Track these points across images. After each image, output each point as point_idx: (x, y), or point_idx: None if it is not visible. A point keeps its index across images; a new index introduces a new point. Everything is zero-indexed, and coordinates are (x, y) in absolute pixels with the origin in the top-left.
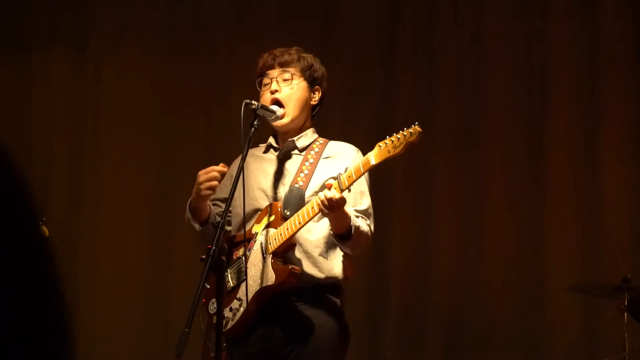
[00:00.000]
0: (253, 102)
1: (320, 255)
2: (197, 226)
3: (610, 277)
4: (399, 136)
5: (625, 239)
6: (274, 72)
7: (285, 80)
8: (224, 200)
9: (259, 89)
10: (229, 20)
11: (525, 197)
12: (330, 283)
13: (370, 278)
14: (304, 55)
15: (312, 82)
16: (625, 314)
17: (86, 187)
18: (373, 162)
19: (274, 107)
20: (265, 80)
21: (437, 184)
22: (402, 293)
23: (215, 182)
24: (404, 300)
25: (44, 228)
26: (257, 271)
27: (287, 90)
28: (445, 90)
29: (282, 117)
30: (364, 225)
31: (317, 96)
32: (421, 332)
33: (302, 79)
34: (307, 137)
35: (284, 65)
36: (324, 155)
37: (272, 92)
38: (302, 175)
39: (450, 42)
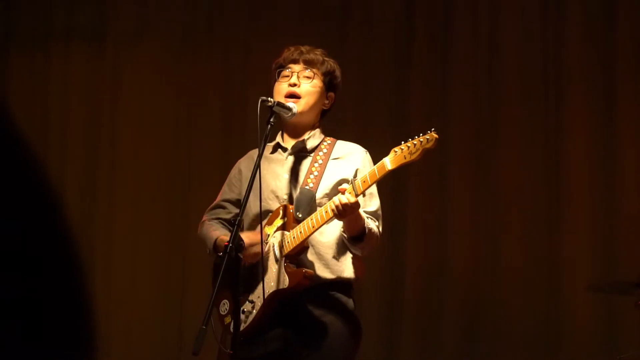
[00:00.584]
0: (269, 99)
1: (332, 257)
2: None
3: (627, 274)
4: (415, 142)
5: None
6: (297, 67)
7: (306, 77)
8: (235, 201)
9: (276, 78)
10: (245, 18)
11: (542, 195)
12: (341, 283)
13: (387, 276)
14: (328, 59)
15: (329, 87)
16: None
17: (101, 184)
18: (389, 167)
19: (290, 104)
20: (286, 73)
21: (452, 182)
22: (418, 290)
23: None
24: (420, 297)
25: None
26: (271, 274)
27: (306, 87)
28: (459, 91)
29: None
30: (374, 227)
31: (329, 102)
32: (437, 329)
33: (321, 81)
34: (315, 137)
35: (308, 63)
36: (332, 155)
37: (291, 85)
38: (312, 176)
39: (465, 43)
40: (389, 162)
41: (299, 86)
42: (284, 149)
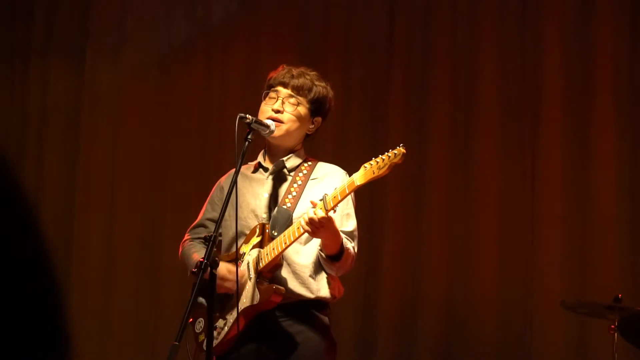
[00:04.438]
0: (247, 115)
1: (309, 276)
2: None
3: (601, 296)
4: (383, 157)
5: (618, 257)
6: (283, 92)
7: (291, 104)
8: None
9: (263, 99)
10: (224, 34)
11: (517, 213)
12: (318, 301)
13: (361, 296)
14: (319, 84)
15: (316, 113)
16: (616, 334)
17: (79, 197)
18: (358, 183)
19: (268, 122)
20: (272, 94)
21: (428, 202)
22: (392, 310)
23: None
24: (395, 317)
25: None
26: (243, 290)
27: (289, 114)
28: (438, 109)
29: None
30: (350, 247)
31: (315, 126)
32: (411, 348)
33: (307, 108)
34: (297, 157)
35: (296, 89)
36: (312, 176)
37: (275, 111)
38: (290, 196)
39: (443, 62)
40: (357, 178)
41: (282, 112)
42: (265, 169)
